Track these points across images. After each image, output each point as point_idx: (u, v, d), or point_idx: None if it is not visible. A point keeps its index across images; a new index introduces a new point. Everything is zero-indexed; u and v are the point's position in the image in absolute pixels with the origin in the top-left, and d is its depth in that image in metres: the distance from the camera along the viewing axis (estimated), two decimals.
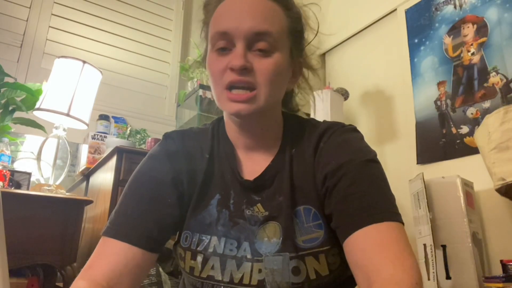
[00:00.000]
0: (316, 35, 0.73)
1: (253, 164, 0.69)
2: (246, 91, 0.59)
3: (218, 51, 0.61)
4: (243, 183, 0.67)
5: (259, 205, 0.66)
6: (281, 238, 0.62)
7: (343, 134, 0.67)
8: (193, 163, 0.69)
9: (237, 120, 0.66)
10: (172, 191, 0.66)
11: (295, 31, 0.66)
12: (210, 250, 0.64)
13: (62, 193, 1.69)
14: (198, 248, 0.65)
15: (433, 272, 1.40)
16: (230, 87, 0.60)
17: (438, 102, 1.90)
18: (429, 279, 1.42)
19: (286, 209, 0.64)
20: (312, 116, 1.68)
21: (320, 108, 2.07)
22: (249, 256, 0.63)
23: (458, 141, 1.77)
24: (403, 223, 0.57)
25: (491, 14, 1.74)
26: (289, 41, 0.65)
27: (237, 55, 0.58)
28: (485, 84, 1.71)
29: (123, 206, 0.66)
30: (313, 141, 0.67)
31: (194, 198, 0.68)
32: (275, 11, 0.62)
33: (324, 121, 0.72)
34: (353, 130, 0.70)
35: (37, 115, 1.74)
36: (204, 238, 0.65)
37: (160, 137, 0.75)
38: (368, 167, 0.62)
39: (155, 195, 0.66)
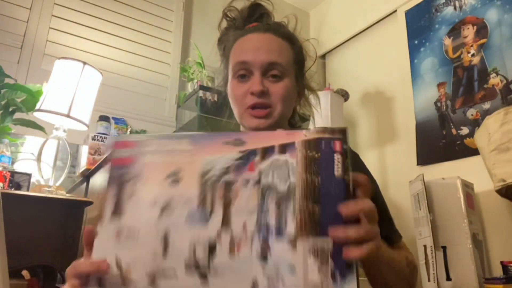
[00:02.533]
0: (314, 62, 0.88)
1: None
2: (264, 110, 0.73)
3: (238, 78, 0.76)
4: None
5: None
6: None
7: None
8: None
9: None
10: None
11: (298, 61, 0.81)
12: None
13: (62, 194, 1.69)
14: None
15: (434, 273, 1.40)
16: (253, 107, 0.73)
17: (438, 103, 1.90)
18: (429, 280, 1.42)
19: None
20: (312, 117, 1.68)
21: (320, 109, 2.07)
22: None
23: (458, 142, 1.77)
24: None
25: (491, 15, 1.74)
26: (294, 69, 0.79)
27: (256, 82, 0.73)
28: (485, 85, 1.71)
29: None
30: None
31: None
32: (283, 46, 0.78)
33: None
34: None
35: (37, 116, 1.74)
36: None
37: None
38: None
39: None
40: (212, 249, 0.41)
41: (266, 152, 0.43)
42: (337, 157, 0.43)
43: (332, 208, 0.41)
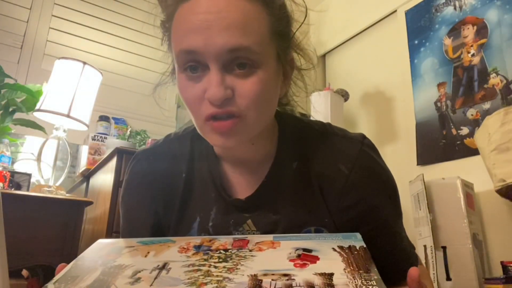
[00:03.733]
0: (305, 19, 0.60)
1: (243, 180, 0.61)
2: (231, 120, 0.49)
3: (187, 72, 0.50)
4: (231, 202, 0.59)
5: (249, 221, 0.59)
6: None
7: (369, 162, 0.60)
8: (168, 188, 0.62)
9: None
10: (147, 231, 0.62)
11: (280, 30, 0.54)
12: None
13: (62, 194, 1.69)
14: None
15: (433, 274, 1.40)
16: (213, 117, 0.50)
17: (438, 103, 1.90)
18: None
19: (284, 228, 0.57)
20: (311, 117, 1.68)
21: (320, 109, 2.07)
22: None
23: (458, 142, 1.77)
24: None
25: (491, 16, 1.74)
26: (274, 44, 0.53)
27: (213, 83, 0.47)
28: (485, 85, 1.71)
29: None
30: (327, 159, 0.59)
31: (173, 224, 0.62)
32: (252, 13, 0.49)
33: (333, 129, 0.64)
34: (372, 148, 0.62)
35: (37, 116, 1.74)
36: None
37: (160, 138, 0.73)
38: (398, 214, 0.63)
39: (133, 235, 0.62)
40: None
41: None
42: None
43: None
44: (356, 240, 0.44)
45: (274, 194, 0.59)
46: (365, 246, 0.42)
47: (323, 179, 0.58)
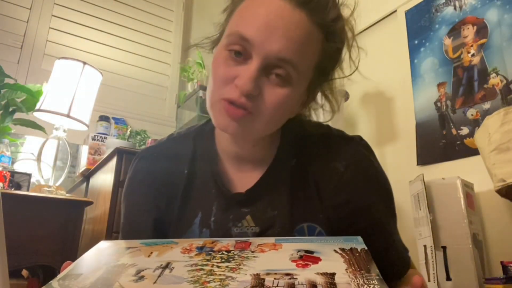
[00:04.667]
0: (352, 73, 0.63)
1: (244, 176, 0.63)
2: (243, 111, 0.52)
3: (230, 53, 0.52)
4: (231, 197, 0.61)
5: (248, 217, 0.60)
6: None
7: (364, 161, 0.62)
8: (170, 184, 0.63)
9: None
10: (149, 226, 0.62)
11: (323, 67, 0.57)
12: None
13: (62, 194, 1.69)
14: None
15: (434, 274, 1.40)
16: (230, 101, 0.52)
17: (438, 103, 1.90)
18: (429, 281, 1.42)
19: (283, 225, 0.59)
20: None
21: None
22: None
23: (458, 142, 1.77)
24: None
25: (491, 15, 1.74)
26: (312, 75, 0.56)
27: (250, 74, 0.50)
28: (485, 85, 1.71)
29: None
30: (324, 158, 0.61)
31: (174, 220, 0.63)
32: (313, 41, 0.52)
33: (331, 130, 0.66)
34: (368, 149, 0.65)
35: (37, 116, 1.74)
36: None
37: (160, 138, 0.74)
38: (392, 215, 0.63)
39: (134, 236, 0.62)
40: None
41: None
42: None
43: None
44: (358, 243, 0.44)
45: (272, 188, 0.61)
46: (366, 248, 0.43)
47: (319, 176, 0.60)
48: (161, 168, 0.65)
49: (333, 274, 0.36)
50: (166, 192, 0.63)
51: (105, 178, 1.90)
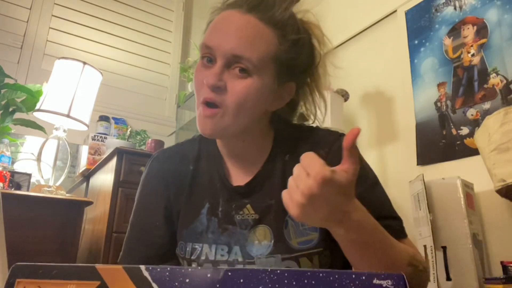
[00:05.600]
0: (319, 60, 0.74)
1: (242, 171, 0.73)
2: (214, 109, 0.62)
3: (203, 62, 0.65)
4: (233, 189, 0.72)
5: (248, 206, 0.70)
6: (272, 241, 0.66)
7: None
8: (178, 178, 0.75)
9: None
10: (160, 213, 0.74)
11: (282, 60, 0.65)
12: (203, 257, 0.68)
13: (62, 194, 1.69)
14: (192, 257, 0.69)
15: (433, 274, 1.40)
16: (205, 102, 0.63)
17: (438, 103, 1.90)
18: (429, 280, 1.42)
19: (277, 212, 0.67)
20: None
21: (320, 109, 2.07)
22: (240, 259, 0.66)
23: (458, 142, 1.77)
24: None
25: (491, 15, 1.74)
26: (275, 67, 0.65)
27: (213, 73, 0.61)
28: (485, 85, 1.71)
29: (126, 234, 0.76)
30: (314, 148, 0.65)
31: (182, 210, 0.73)
32: (264, 36, 0.62)
33: (319, 128, 0.77)
34: None
35: (37, 116, 1.74)
36: (196, 246, 0.69)
37: (160, 138, 0.80)
38: (379, 186, 0.70)
39: (145, 222, 0.75)
40: None
41: None
42: None
43: None
44: None
45: (268, 180, 0.71)
46: None
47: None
48: (170, 165, 0.77)
49: None
50: (174, 184, 0.75)
51: (105, 178, 1.90)
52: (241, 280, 0.31)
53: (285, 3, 0.66)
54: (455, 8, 1.91)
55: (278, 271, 0.33)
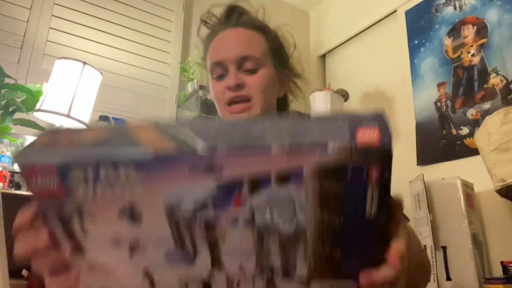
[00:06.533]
0: (294, 49, 0.86)
1: None
2: (243, 104, 0.73)
3: (216, 79, 0.76)
4: None
5: None
6: None
7: None
8: None
9: None
10: None
11: (274, 49, 0.80)
12: None
13: None
14: None
15: (434, 274, 1.40)
16: (230, 102, 0.73)
17: (438, 103, 1.90)
18: (429, 281, 1.42)
19: None
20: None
21: (320, 109, 2.08)
22: None
23: (458, 142, 1.77)
24: None
25: (491, 15, 1.74)
26: (271, 58, 0.78)
27: (231, 76, 0.73)
28: (485, 85, 1.71)
29: None
30: None
31: None
32: (255, 38, 0.77)
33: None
34: None
35: (37, 116, 1.74)
36: None
37: None
38: None
39: None
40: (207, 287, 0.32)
41: (257, 183, 0.28)
42: (372, 191, 0.28)
43: (359, 252, 0.31)
44: None
45: None
46: None
47: None
48: None
49: None
50: None
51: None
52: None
53: (254, 13, 0.83)
54: (455, 8, 1.91)
55: None
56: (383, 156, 0.26)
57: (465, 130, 1.76)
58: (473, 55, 1.78)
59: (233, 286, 0.32)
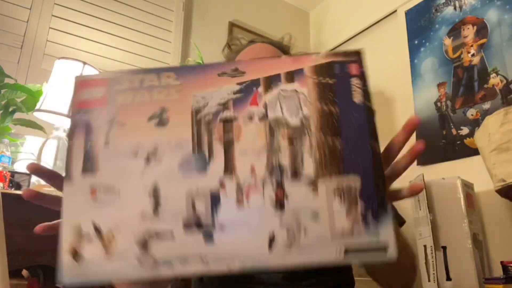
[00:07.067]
0: None
1: None
2: None
3: None
4: None
5: None
6: None
7: None
8: None
9: None
10: None
11: None
12: None
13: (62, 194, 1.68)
14: None
15: (434, 274, 1.40)
16: None
17: (438, 103, 1.90)
18: (429, 281, 1.42)
19: None
20: None
21: None
22: None
23: (458, 142, 1.77)
24: None
25: (491, 15, 1.74)
26: None
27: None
28: (485, 85, 1.71)
29: None
30: None
31: None
32: (279, 53, 0.84)
33: None
34: None
35: (37, 116, 1.74)
36: None
37: None
38: None
39: None
40: (215, 201, 0.34)
41: (270, 82, 0.37)
42: (355, 82, 0.38)
43: (356, 139, 0.36)
44: None
45: None
46: None
47: None
48: None
49: None
50: None
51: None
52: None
53: (281, 39, 0.91)
54: (455, 8, 1.91)
55: None
56: (357, 54, 0.39)
57: (465, 130, 1.76)
58: (473, 55, 1.78)
59: (242, 196, 0.34)
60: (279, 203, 0.34)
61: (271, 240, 0.33)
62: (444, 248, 1.44)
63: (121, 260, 0.32)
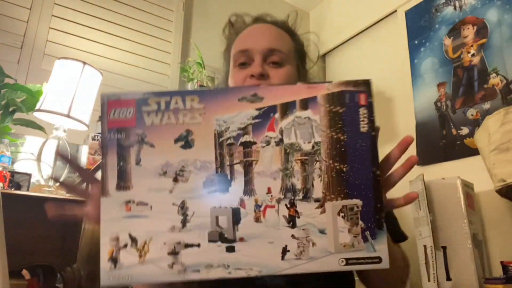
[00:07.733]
0: (317, 61, 0.89)
1: None
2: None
3: (239, 66, 0.76)
4: None
5: None
6: None
7: None
8: None
9: None
10: None
11: (300, 52, 0.82)
12: None
13: (62, 194, 1.69)
14: None
15: (433, 274, 1.40)
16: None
17: (438, 103, 1.90)
18: (429, 281, 1.42)
19: None
20: None
21: None
22: None
23: (458, 142, 1.77)
24: None
25: (491, 16, 1.74)
26: (296, 59, 0.80)
27: (256, 65, 0.72)
28: (485, 85, 1.71)
29: None
30: None
31: None
32: (284, 36, 0.79)
33: None
34: None
35: (37, 116, 1.74)
36: None
37: None
38: None
39: None
40: (236, 217, 0.39)
41: (287, 108, 0.40)
42: (363, 112, 0.43)
43: (360, 166, 0.40)
44: None
45: None
46: None
47: None
48: None
49: None
50: None
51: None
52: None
53: (285, 18, 0.86)
54: (455, 8, 1.91)
55: None
56: (367, 84, 0.43)
57: (465, 130, 1.76)
58: (473, 55, 1.78)
59: (259, 212, 0.39)
60: (292, 220, 0.39)
61: (284, 251, 0.38)
62: (444, 248, 1.44)
63: (154, 265, 0.37)
